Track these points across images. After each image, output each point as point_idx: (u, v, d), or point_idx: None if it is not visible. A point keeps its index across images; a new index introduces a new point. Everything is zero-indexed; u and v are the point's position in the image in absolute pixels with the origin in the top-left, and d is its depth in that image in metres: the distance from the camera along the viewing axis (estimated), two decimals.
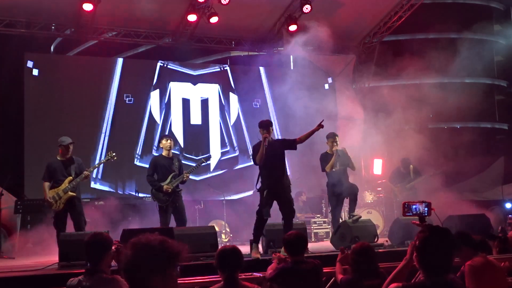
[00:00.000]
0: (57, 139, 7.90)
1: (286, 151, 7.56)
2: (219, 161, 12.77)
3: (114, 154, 8.11)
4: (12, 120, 11.10)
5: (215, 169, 12.68)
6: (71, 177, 7.63)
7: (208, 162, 9.61)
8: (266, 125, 7.36)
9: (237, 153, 12.91)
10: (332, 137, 8.77)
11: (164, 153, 8.24)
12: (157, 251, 2.27)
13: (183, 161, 9.07)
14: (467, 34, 12.19)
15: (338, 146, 8.70)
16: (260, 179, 7.34)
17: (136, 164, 11.95)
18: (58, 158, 7.75)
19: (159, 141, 8.52)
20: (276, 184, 7.26)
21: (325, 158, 8.76)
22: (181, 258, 2.32)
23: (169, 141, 8.26)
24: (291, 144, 7.49)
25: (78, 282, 3.78)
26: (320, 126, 7.35)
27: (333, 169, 8.66)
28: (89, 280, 3.75)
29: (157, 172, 8.18)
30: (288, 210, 7.34)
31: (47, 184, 7.64)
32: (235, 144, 12.96)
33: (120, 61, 12.45)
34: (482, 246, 4.87)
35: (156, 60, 12.66)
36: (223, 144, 12.91)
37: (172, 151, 8.43)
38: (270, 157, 7.22)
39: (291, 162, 12.30)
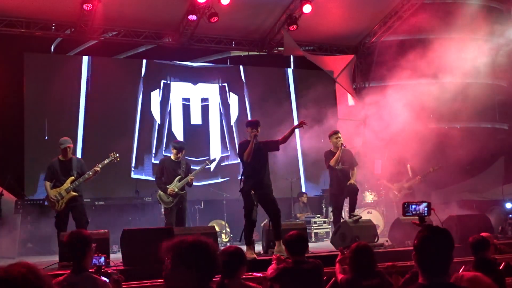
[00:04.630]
0: (57, 139, 7.94)
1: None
2: (221, 167, 12.74)
3: (117, 155, 8.16)
4: (12, 120, 11.09)
5: (215, 172, 12.65)
6: (73, 177, 7.65)
7: (211, 164, 9.71)
8: (254, 124, 7.39)
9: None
10: (335, 134, 8.89)
11: (173, 156, 8.45)
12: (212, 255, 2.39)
13: None
14: (467, 34, 12.16)
15: (343, 142, 8.79)
16: (243, 180, 7.35)
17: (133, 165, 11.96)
18: (60, 158, 7.79)
19: (173, 146, 8.74)
20: (259, 184, 7.28)
21: (329, 155, 8.82)
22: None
23: (176, 152, 8.52)
24: (274, 145, 7.53)
25: (64, 279, 3.78)
26: (301, 124, 7.35)
27: (337, 167, 8.70)
28: (76, 279, 3.74)
29: (164, 175, 8.36)
30: (273, 210, 7.35)
31: (48, 184, 7.67)
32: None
33: (120, 61, 12.46)
34: (482, 245, 4.83)
35: (157, 60, 12.66)
36: (223, 147, 12.88)
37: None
38: (254, 158, 7.25)
39: (290, 164, 12.34)
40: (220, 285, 3.81)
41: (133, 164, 11.68)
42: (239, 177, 7.52)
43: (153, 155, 12.09)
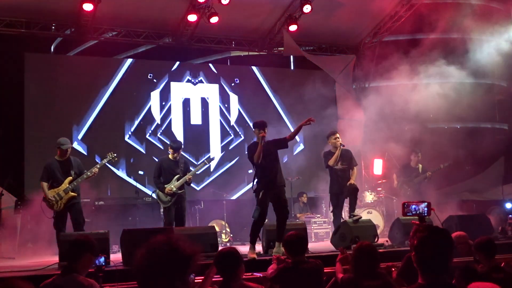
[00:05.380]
0: (57, 139, 7.92)
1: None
2: (227, 152, 12.81)
3: (115, 155, 8.14)
4: (12, 120, 11.10)
5: (216, 169, 12.68)
6: (71, 177, 7.64)
7: (210, 164, 9.75)
8: (261, 125, 7.39)
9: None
10: (333, 134, 8.91)
11: (171, 156, 8.45)
12: (167, 255, 2.12)
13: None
14: (467, 34, 12.17)
15: (341, 142, 8.82)
16: (255, 180, 7.37)
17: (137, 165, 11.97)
18: (57, 159, 7.78)
19: (170, 146, 8.74)
20: (271, 184, 7.28)
21: (328, 155, 8.85)
22: (194, 262, 2.15)
23: (173, 152, 8.51)
24: (282, 142, 7.54)
25: (52, 281, 3.80)
26: (309, 121, 7.35)
27: (336, 167, 8.72)
28: (61, 280, 3.77)
29: (162, 175, 8.36)
30: (282, 211, 7.36)
31: (45, 184, 7.67)
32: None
33: (120, 61, 12.45)
34: (490, 247, 4.77)
35: (157, 60, 12.66)
36: (225, 134, 12.92)
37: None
38: (265, 157, 7.26)
39: (292, 164, 12.34)
40: (223, 286, 3.82)
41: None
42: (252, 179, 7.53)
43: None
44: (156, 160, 11.74)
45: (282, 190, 7.46)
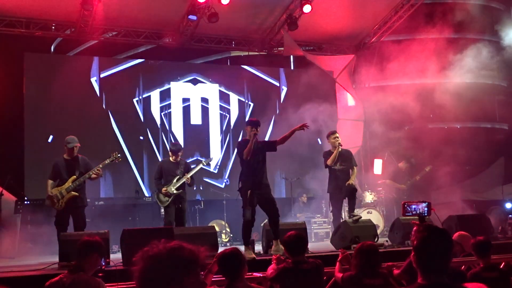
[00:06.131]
0: (56, 139, 7.93)
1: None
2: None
3: (119, 155, 8.14)
4: (12, 120, 11.10)
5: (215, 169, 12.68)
6: (74, 176, 7.63)
7: (208, 164, 9.80)
8: (255, 123, 7.39)
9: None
10: (332, 134, 8.94)
11: (171, 158, 8.54)
12: (167, 261, 2.03)
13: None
14: (467, 34, 12.18)
15: (340, 142, 8.84)
16: (241, 180, 7.35)
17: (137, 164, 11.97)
18: (64, 157, 7.80)
19: (169, 149, 8.92)
20: (258, 184, 7.26)
21: (327, 155, 8.88)
22: (198, 264, 2.05)
23: (172, 154, 8.64)
24: (272, 145, 7.51)
25: (59, 279, 3.86)
26: (302, 127, 7.32)
27: (334, 167, 8.74)
28: (70, 278, 3.85)
29: (162, 176, 8.45)
30: (272, 210, 7.33)
31: (51, 182, 7.68)
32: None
33: (120, 61, 12.45)
34: (483, 247, 4.79)
35: (157, 60, 12.66)
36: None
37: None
38: (253, 157, 7.24)
39: (292, 164, 12.34)
40: (228, 287, 3.82)
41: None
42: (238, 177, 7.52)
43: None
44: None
45: (268, 189, 7.44)
